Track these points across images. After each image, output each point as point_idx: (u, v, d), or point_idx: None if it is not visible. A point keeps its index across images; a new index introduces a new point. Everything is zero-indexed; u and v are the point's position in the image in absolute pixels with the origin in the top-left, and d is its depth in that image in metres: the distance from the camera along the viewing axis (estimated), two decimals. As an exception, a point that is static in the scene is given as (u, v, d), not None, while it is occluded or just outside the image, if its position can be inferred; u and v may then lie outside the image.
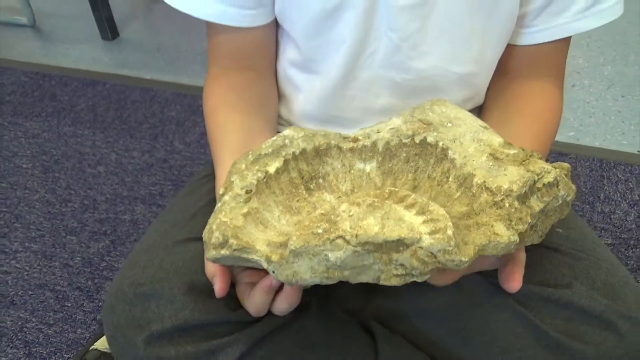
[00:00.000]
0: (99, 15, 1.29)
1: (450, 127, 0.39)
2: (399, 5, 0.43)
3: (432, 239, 0.31)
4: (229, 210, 0.35)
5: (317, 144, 0.38)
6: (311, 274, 0.32)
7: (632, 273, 0.71)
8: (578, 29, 0.46)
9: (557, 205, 0.36)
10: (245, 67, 0.50)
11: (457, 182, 0.36)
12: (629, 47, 1.26)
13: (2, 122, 1.03)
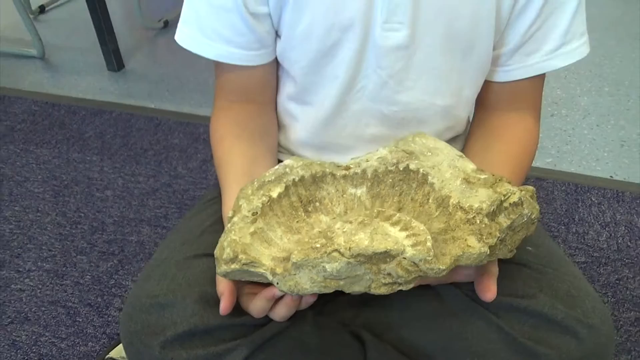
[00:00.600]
0: (106, 48, 1.37)
1: (430, 155, 0.44)
2: (386, 46, 0.48)
3: (414, 250, 0.36)
4: (238, 230, 0.39)
5: (314, 172, 0.43)
6: (311, 284, 0.37)
7: (603, 288, 0.77)
8: (548, 67, 0.52)
9: (523, 222, 0.41)
10: (249, 100, 0.55)
11: (436, 203, 0.41)
12: (604, 79, 1.34)
13: (14, 149, 1.09)
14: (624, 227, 0.87)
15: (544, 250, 0.52)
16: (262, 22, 0.50)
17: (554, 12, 0.49)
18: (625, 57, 1.44)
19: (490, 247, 0.38)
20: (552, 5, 0.49)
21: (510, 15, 0.49)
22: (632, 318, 0.72)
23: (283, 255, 0.39)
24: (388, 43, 0.48)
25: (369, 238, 0.36)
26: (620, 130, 1.14)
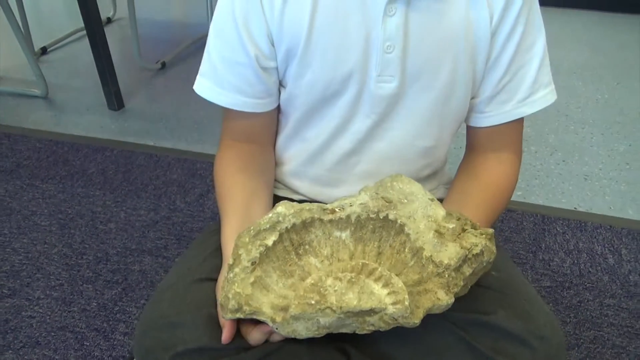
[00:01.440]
0: (107, 89, 1.45)
1: (406, 203, 0.49)
2: (379, 95, 0.56)
3: (394, 308, 0.43)
4: (240, 281, 0.45)
5: (304, 218, 0.48)
6: (306, 331, 0.45)
7: (566, 309, 0.85)
8: (520, 114, 0.58)
9: (482, 267, 0.47)
10: (252, 141, 0.62)
11: (411, 253, 0.47)
12: (570, 118, 1.46)
13: (21, 184, 1.15)
14: (585, 255, 0.96)
15: (506, 274, 0.58)
16: (270, 74, 0.57)
17: (522, 67, 0.56)
18: (589, 98, 1.57)
19: (455, 293, 0.45)
20: (519, 61, 0.56)
21: (484, 70, 0.56)
22: (592, 336, 0.80)
23: (280, 303, 0.45)
24: (381, 92, 0.55)
25: (357, 298, 0.43)
26: (584, 166, 1.24)
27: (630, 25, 2.16)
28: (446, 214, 0.48)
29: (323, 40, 0.54)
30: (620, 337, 0.80)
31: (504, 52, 0.55)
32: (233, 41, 0.55)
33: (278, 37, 0.55)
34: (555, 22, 2.19)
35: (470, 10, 0.53)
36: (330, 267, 0.47)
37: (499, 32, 0.54)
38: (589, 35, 2.05)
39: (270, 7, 0.53)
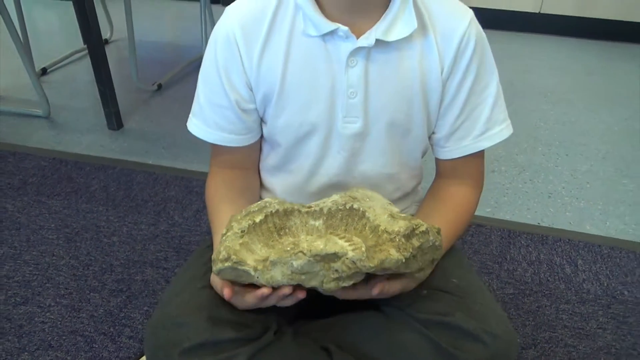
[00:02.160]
0: (108, 110, 1.54)
1: (368, 200, 0.59)
2: (346, 134, 0.64)
3: (353, 252, 0.51)
4: (230, 240, 0.54)
5: (286, 207, 0.58)
6: (282, 277, 0.52)
7: (526, 314, 0.95)
8: (477, 148, 0.66)
9: (429, 246, 0.56)
10: (235, 167, 0.71)
11: (370, 230, 0.55)
12: (538, 140, 1.58)
13: (28, 200, 1.23)
14: (545, 265, 1.07)
15: (465, 282, 0.66)
16: (249, 115, 0.66)
17: (476, 107, 0.65)
18: (557, 120, 1.70)
19: (406, 258, 0.53)
20: (473, 102, 0.64)
21: (439, 110, 0.66)
22: (547, 337, 0.90)
23: (262, 258, 0.53)
24: (347, 132, 0.64)
25: (324, 244, 0.52)
26: (548, 184, 1.36)
27: (597, 50, 2.32)
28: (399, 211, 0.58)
29: (294, 88, 0.62)
30: (572, 337, 0.91)
31: (458, 96, 0.64)
32: (217, 87, 0.64)
33: (255, 84, 0.63)
34: (526, 47, 2.34)
35: (423, 61, 0.62)
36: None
37: (450, 79, 0.63)
38: (558, 61, 2.20)
39: (249, 59, 0.62)
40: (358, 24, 0.60)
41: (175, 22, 2.67)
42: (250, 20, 0.62)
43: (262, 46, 0.62)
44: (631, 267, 1.07)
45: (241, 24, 0.61)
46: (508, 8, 2.47)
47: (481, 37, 0.64)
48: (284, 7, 0.61)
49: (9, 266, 1.03)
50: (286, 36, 0.61)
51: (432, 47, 0.62)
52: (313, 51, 0.61)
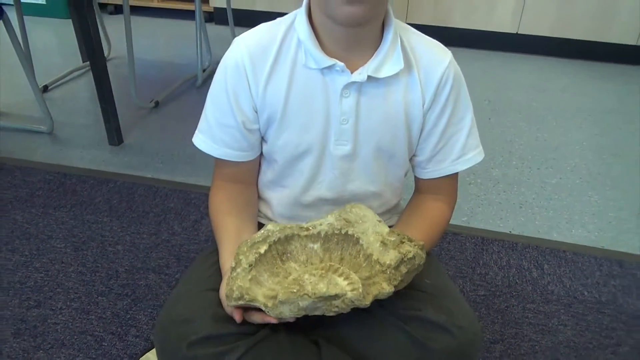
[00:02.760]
0: (109, 126, 1.63)
1: (361, 222, 0.64)
2: (337, 155, 0.71)
3: (352, 294, 0.57)
4: (241, 278, 0.60)
5: (287, 234, 0.63)
6: (289, 312, 0.58)
7: (495, 312, 1.05)
8: (453, 170, 0.74)
9: (415, 268, 0.63)
10: (238, 181, 0.77)
11: (364, 258, 0.62)
12: (512, 154, 1.69)
13: (36, 212, 1.31)
14: (514, 269, 1.17)
15: (437, 282, 0.74)
16: (253, 134, 0.73)
17: (453, 135, 0.73)
18: (531, 136, 1.82)
19: (395, 286, 0.60)
20: (451, 131, 0.73)
21: (420, 137, 0.74)
22: (513, 333, 1.01)
23: (271, 293, 0.60)
24: (338, 153, 0.71)
25: (326, 287, 0.58)
26: (520, 196, 1.47)
27: (572, 69, 2.46)
28: (389, 230, 0.65)
29: (294, 112, 0.70)
30: (536, 333, 1.01)
31: (437, 125, 0.72)
32: (225, 108, 0.71)
33: (261, 107, 0.71)
34: (504, 66, 2.47)
35: (407, 94, 0.70)
36: (306, 269, 0.63)
37: (430, 111, 0.72)
38: (534, 79, 2.33)
39: (256, 85, 0.69)
40: (352, 60, 0.68)
41: (170, 40, 2.78)
42: (259, 51, 0.69)
43: (268, 74, 0.69)
44: (591, 271, 1.18)
45: (250, 53, 0.69)
46: (487, 29, 2.62)
47: (458, 76, 0.72)
48: (288, 41, 0.69)
49: (21, 273, 1.11)
50: (289, 67, 0.69)
51: (415, 83, 0.70)
52: (312, 82, 0.69)
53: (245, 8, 2.79)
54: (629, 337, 1.01)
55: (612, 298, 1.10)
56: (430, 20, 2.64)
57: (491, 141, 1.77)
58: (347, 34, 0.66)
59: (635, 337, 1.01)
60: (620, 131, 1.87)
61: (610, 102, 2.12)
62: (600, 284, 1.14)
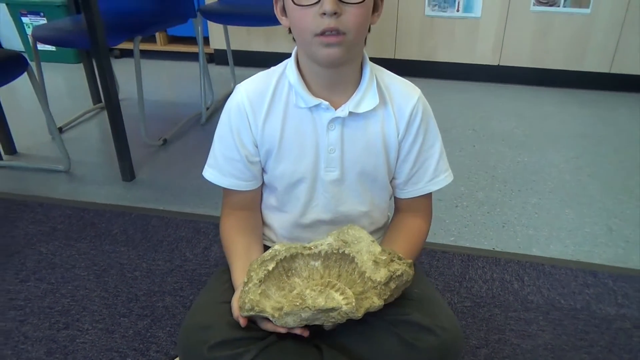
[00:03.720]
0: (122, 163, 1.77)
1: (356, 243, 0.74)
2: (328, 180, 0.82)
3: (346, 307, 0.67)
4: (252, 292, 0.70)
5: (292, 253, 0.73)
6: (293, 322, 0.69)
7: (480, 321, 1.16)
8: (427, 190, 0.86)
9: (402, 284, 0.73)
10: (243, 208, 0.88)
11: (358, 275, 0.72)
12: (495, 178, 1.83)
13: (59, 244, 1.43)
14: (497, 282, 1.29)
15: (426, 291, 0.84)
16: (255, 165, 0.84)
17: (426, 161, 0.85)
18: (512, 161, 1.95)
19: (384, 300, 0.70)
20: (423, 157, 0.84)
21: (397, 163, 0.86)
22: (497, 339, 1.12)
23: (277, 306, 0.70)
24: (328, 179, 0.83)
25: (324, 301, 0.67)
26: (503, 216, 1.60)
27: (551, 97, 2.62)
28: (381, 250, 0.74)
29: (289, 146, 0.81)
30: (517, 338, 1.12)
31: (411, 152, 0.85)
32: (230, 145, 0.83)
33: (260, 142, 0.82)
34: (487, 96, 2.64)
35: (384, 126, 0.82)
36: (308, 284, 0.73)
37: (404, 140, 0.83)
38: (516, 107, 2.49)
39: (255, 124, 0.81)
40: (335, 99, 0.80)
41: (174, 81, 2.95)
42: (256, 95, 0.82)
43: (265, 115, 0.81)
44: (568, 281, 1.29)
45: (249, 98, 0.81)
46: (470, 61, 2.80)
47: (427, 109, 0.85)
48: (281, 86, 0.82)
49: (49, 299, 1.23)
50: (283, 107, 0.81)
51: (390, 116, 0.82)
52: (303, 119, 0.81)
53: (243, 49, 2.98)
54: (601, 339, 1.12)
55: (586, 305, 1.22)
56: (416, 56, 2.82)
57: (476, 166, 1.91)
58: (329, 75, 0.78)
59: (606, 338, 1.12)
60: (595, 153, 2.02)
61: (586, 127, 2.27)
62: (575, 292, 1.26)
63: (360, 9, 0.71)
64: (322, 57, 0.73)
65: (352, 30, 0.71)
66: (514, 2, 2.61)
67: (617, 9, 2.51)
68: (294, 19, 0.73)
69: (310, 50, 0.74)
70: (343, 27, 0.70)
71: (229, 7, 2.32)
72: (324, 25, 0.69)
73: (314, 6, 0.69)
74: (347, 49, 0.73)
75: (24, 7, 3.04)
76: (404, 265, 0.73)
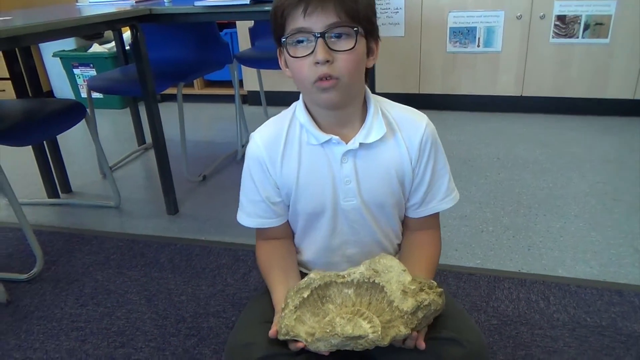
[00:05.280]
0: (167, 198, 1.91)
1: (387, 272, 0.77)
2: (347, 209, 0.87)
3: (372, 335, 0.70)
4: (288, 318, 0.75)
5: (326, 281, 0.77)
6: (324, 347, 0.73)
7: (507, 339, 1.20)
8: (439, 209, 0.91)
9: (431, 313, 0.75)
10: (275, 238, 0.94)
11: (387, 303, 0.75)
12: (520, 204, 1.89)
13: (113, 272, 1.57)
14: (523, 302, 1.34)
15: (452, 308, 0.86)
16: (277, 205, 0.90)
17: (436, 182, 0.90)
18: (537, 187, 2.01)
19: (412, 329, 0.73)
20: (434, 180, 0.89)
21: (412, 187, 0.89)
22: (524, 354, 1.16)
23: (310, 331, 0.74)
24: (348, 208, 0.87)
25: (352, 329, 0.71)
26: (528, 239, 1.65)
27: (574, 125, 2.67)
28: (412, 279, 0.77)
29: (306, 183, 0.86)
30: (544, 354, 1.16)
31: (425, 176, 0.89)
32: (252, 190, 0.90)
33: (280, 184, 0.88)
34: (511, 125, 2.71)
35: (395, 154, 0.86)
36: (340, 310, 0.77)
37: (417, 166, 0.88)
38: (539, 135, 2.55)
39: (273, 169, 0.87)
40: (345, 133, 0.85)
41: (211, 121, 3.15)
42: (271, 141, 0.87)
43: (281, 157, 0.86)
44: (593, 300, 1.33)
45: (265, 146, 0.87)
46: (494, 93, 2.89)
47: (435, 134, 0.89)
48: (293, 127, 0.87)
49: (106, 321, 1.35)
50: (297, 147, 0.86)
51: (400, 144, 0.86)
52: (316, 155, 0.85)
53: (275, 89, 3.17)
54: (627, 354, 1.15)
55: (612, 322, 1.25)
56: (440, 90, 2.93)
57: (501, 193, 1.97)
58: (335, 115, 0.84)
59: (632, 354, 1.15)
60: (620, 178, 2.05)
61: (610, 152, 2.31)
62: (601, 311, 1.30)
63: (351, 55, 0.76)
64: (322, 101, 0.79)
65: (345, 74, 0.76)
66: (533, 36, 2.72)
67: (636, 38, 2.58)
68: (293, 69, 0.79)
69: (311, 96, 0.81)
70: (336, 73, 0.75)
71: (261, 53, 2.51)
72: (318, 73, 0.75)
73: (308, 57, 0.75)
74: (343, 91, 0.78)
75: (76, 60, 3.34)
76: (432, 295, 0.77)
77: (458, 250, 1.60)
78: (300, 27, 0.75)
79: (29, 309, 1.42)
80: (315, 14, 0.74)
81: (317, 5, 0.73)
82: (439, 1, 2.78)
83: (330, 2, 0.74)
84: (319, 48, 0.74)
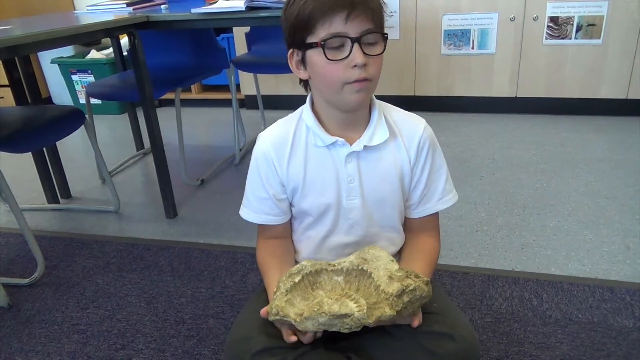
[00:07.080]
0: (166, 202, 1.94)
1: (375, 261, 0.81)
2: (350, 208, 0.89)
3: (358, 314, 0.73)
4: (279, 300, 0.77)
5: (317, 268, 0.80)
6: (312, 327, 0.74)
7: (500, 335, 1.23)
8: (437, 209, 0.94)
9: (417, 298, 0.77)
10: (275, 238, 0.96)
11: (374, 288, 0.77)
12: (514, 203, 1.91)
13: (113, 276, 1.59)
14: (517, 299, 1.36)
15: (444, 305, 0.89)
16: (283, 202, 0.92)
17: (434, 182, 0.93)
18: (531, 187, 2.04)
19: (397, 311, 0.75)
20: (432, 180, 0.92)
21: (410, 187, 0.93)
22: (516, 351, 1.19)
23: (300, 312, 0.76)
24: (351, 207, 0.90)
25: (339, 308, 0.74)
26: (522, 239, 1.67)
27: (567, 125, 2.70)
28: (399, 268, 0.80)
29: (312, 182, 0.89)
30: (536, 350, 1.19)
31: (422, 176, 0.92)
32: (260, 187, 0.92)
33: (286, 183, 0.90)
34: (505, 126, 2.74)
35: (396, 156, 0.90)
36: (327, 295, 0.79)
37: (415, 167, 0.91)
38: (534, 136, 2.58)
39: (280, 167, 0.90)
40: (349, 135, 0.88)
41: (209, 126, 3.17)
42: (279, 141, 0.90)
43: (289, 157, 0.89)
44: (585, 297, 1.36)
45: (273, 145, 0.90)
46: (489, 94, 2.92)
47: (433, 137, 0.93)
48: (300, 129, 0.90)
49: (107, 323, 1.37)
50: (304, 148, 0.89)
51: (401, 147, 0.90)
52: (322, 156, 0.89)
53: (272, 93, 3.19)
54: (618, 349, 1.18)
55: (603, 319, 1.28)
56: (435, 92, 2.96)
57: (496, 193, 2.00)
58: (344, 117, 0.87)
59: (623, 349, 1.18)
60: (613, 177, 2.08)
61: (603, 152, 2.34)
62: (593, 307, 1.32)
63: (379, 59, 0.82)
64: (352, 101, 0.82)
65: (376, 76, 0.82)
66: (526, 37, 2.75)
67: (628, 38, 2.61)
68: (325, 71, 0.81)
69: (340, 96, 0.83)
70: (369, 75, 0.80)
71: (258, 57, 2.54)
72: (355, 76, 0.79)
73: (344, 59, 0.79)
74: (370, 92, 0.84)
75: (74, 67, 3.36)
76: (418, 282, 0.79)
77: (453, 249, 1.63)
78: (338, 32, 0.78)
79: (31, 313, 1.44)
80: (357, 20, 0.78)
81: (360, 12, 0.78)
82: (433, 4, 2.81)
83: (369, 10, 0.79)
84: (357, 52, 0.78)
